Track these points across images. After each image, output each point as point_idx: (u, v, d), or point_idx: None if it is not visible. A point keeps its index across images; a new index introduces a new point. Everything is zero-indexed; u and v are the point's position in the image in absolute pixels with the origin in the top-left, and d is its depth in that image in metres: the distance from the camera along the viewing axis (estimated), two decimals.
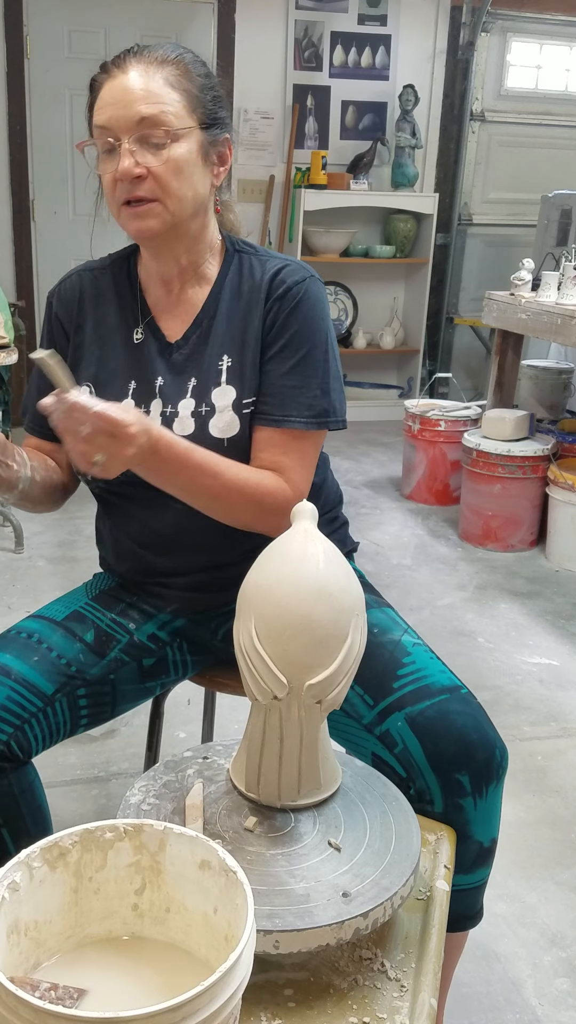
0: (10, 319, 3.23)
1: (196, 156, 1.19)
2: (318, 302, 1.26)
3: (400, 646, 1.23)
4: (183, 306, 1.30)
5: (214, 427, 1.24)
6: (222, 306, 1.28)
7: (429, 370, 5.49)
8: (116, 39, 4.81)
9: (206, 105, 1.20)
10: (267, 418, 1.24)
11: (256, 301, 1.26)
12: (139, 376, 1.28)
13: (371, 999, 0.86)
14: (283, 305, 1.24)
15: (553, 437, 3.52)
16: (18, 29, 4.69)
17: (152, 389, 1.28)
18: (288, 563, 0.93)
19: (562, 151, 5.51)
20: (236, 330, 1.26)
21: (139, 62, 1.16)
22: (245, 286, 1.27)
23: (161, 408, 1.27)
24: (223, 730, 2.02)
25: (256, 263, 1.29)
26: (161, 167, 1.15)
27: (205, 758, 1.08)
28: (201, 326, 1.28)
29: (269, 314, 1.25)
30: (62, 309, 1.34)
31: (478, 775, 1.11)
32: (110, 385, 1.29)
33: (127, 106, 1.14)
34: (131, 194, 1.17)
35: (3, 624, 1.40)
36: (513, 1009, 1.50)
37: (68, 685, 1.24)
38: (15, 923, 0.73)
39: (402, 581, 3.20)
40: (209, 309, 1.28)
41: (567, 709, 2.42)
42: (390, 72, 5.19)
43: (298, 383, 1.24)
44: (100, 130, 1.17)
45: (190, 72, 1.19)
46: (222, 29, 4.90)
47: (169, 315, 1.30)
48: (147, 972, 0.78)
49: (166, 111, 1.15)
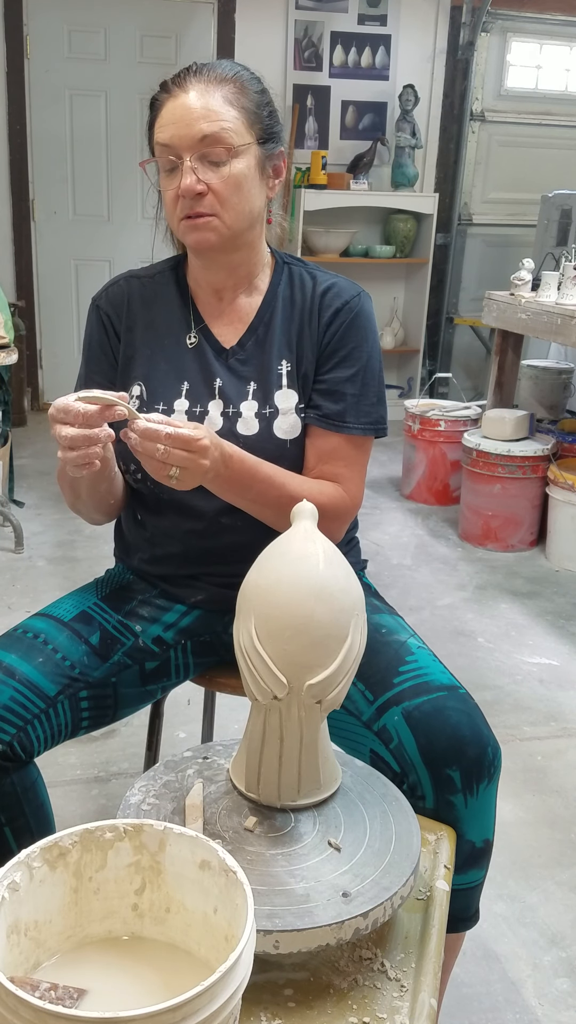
0: (10, 319, 3.23)
1: (254, 171, 1.22)
2: (371, 318, 1.33)
3: (405, 646, 1.25)
4: (236, 314, 1.33)
5: (279, 428, 1.29)
6: (277, 315, 1.32)
7: (429, 370, 5.49)
8: (116, 39, 4.81)
9: (263, 121, 1.24)
10: (328, 422, 1.29)
11: (311, 312, 1.31)
12: (194, 377, 1.31)
13: (371, 999, 0.86)
14: (339, 319, 1.30)
15: (553, 437, 3.52)
16: (18, 29, 4.69)
17: (211, 390, 1.31)
18: (288, 563, 0.93)
19: (562, 151, 5.50)
20: (292, 338, 1.31)
21: (199, 81, 1.19)
22: (297, 296, 1.32)
23: (222, 409, 1.30)
24: (223, 730, 2.03)
25: (307, 275, 1.34)
26: (221, 184, 1.19)
27: (205, 758, 1.08)
28: (256, 332, 1.32)
29: (328, 328, 1.30)
30: (112, 310, 1.36)
31: (468, 772, 1.12)
32: (163, 385, 1.31)
33: (189, 125, 1.17)
34: (192, 210, 1.20)
35: (3, 624, 1.40)
36: (513, 1009, 1.50)
37: (71, 687, 1.25)
38: (15, 923, 0.73)
39: (402, 581, 3.20)
40: (264, 316, 1.32)
41: (567, 709, 2.42)
42: (390, 72, 5.19)
43: (358, 391, 1.30)
44: (162, 148, 1.20)
45: (247, 89, 1.22)
46: (222, 29, 4.90)
47: (221, 322, 1.33)
48: (147, 972, 0.78)
49: (226, 128, 1.18)
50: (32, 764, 1.22)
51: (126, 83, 4.86)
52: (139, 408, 1.31)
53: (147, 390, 1.31)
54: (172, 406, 1.30)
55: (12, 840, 1.19)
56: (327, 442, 1.30)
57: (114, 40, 4.81)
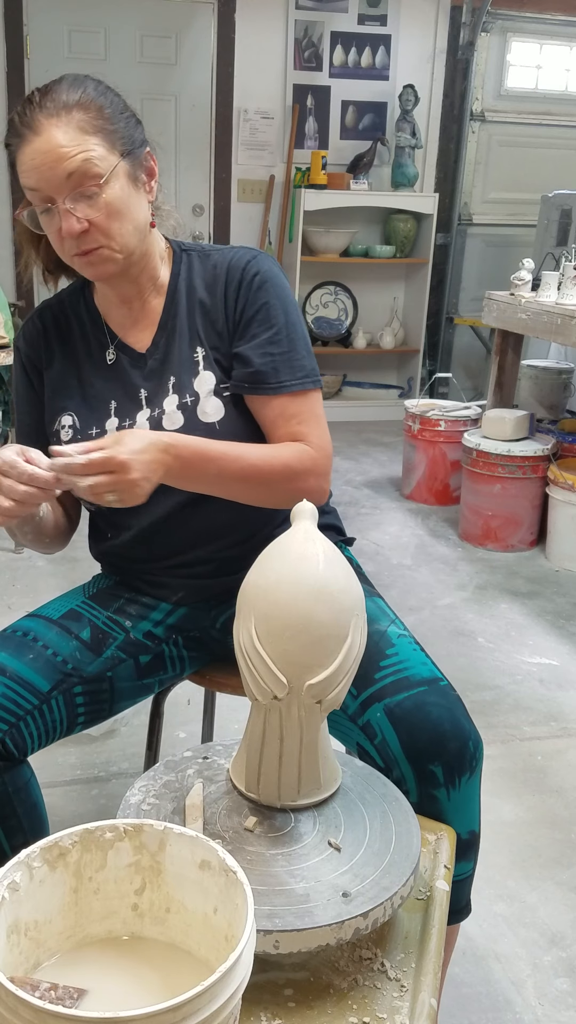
0: (10, 319, 3.23)
1: (128, 187, 1.20)
2: (275, 274, 1.30)
3: (385, 637, 1.25)
4: (147, 317, 1.33)
5: (202, 413, 1.27)
6: (181, 305, 1.31)
7: (429, 370, 5.49)
8: (116, 39, 4.81)
9: (121, 133, 1.20)
10: (266, 387, 1.27)
11: (212, 292, 1.30)
12: (119, 393, 1.32)
13: (371, 999, 0.86)
14: (245, 287, 1.28)
15: (553, 437, 3.52)
16: (18, 29, 4.68)
17: (137, 400, 1.31)
18: (288, 563, 0.93)
19: (562, 151, 5.51)
20: (202, 323, 1.30)
21: (47, 116, 1.14)
22: (197, 282, 1.31)
23: (149, 414, 1.29)
24: (223, 730, 2.02)
25: (203, 257, 1.33)
26: (102, 216, 1.17)
27: (205, 758, 1.08)
28: (166, 328, 1.32)
29: (236, 301, 1.28)
30: (31, 351, 1.38)
31: (450, 766, 1.12)
32: (91, 409, 1.32)
33: (51, 167, 1.14)
34: (79, 248, 1.19)
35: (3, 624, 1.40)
36: (513, 1009, 1.50)
37: (64, 683, 1.25)
38: (15, 923, 0.73)
39: (402, 581, 3.20)
40: (170, 311, 1.32)
41: (567, 709, 2.42)
42: (390, 72, 5.19)
43: (286, 348, 1.28)
44: (32, 192, 1.17)
45: (99, 108, 1.18)
46: (222, 29, 4.90)
47: (135, 329, 1.33)
48: (147, 972, 0.78)
49: (89, 159, 1.15)
50: (25, 763, 1.22)
51: (126, 83, 4.78)
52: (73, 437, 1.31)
53: (78, 418, 1.32)
54: (104, 427, 1.31)
55: (4, 840, 1.19)
56: (272, 408, 1.28)
57: (114, 40, 4.81)
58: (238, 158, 5.11)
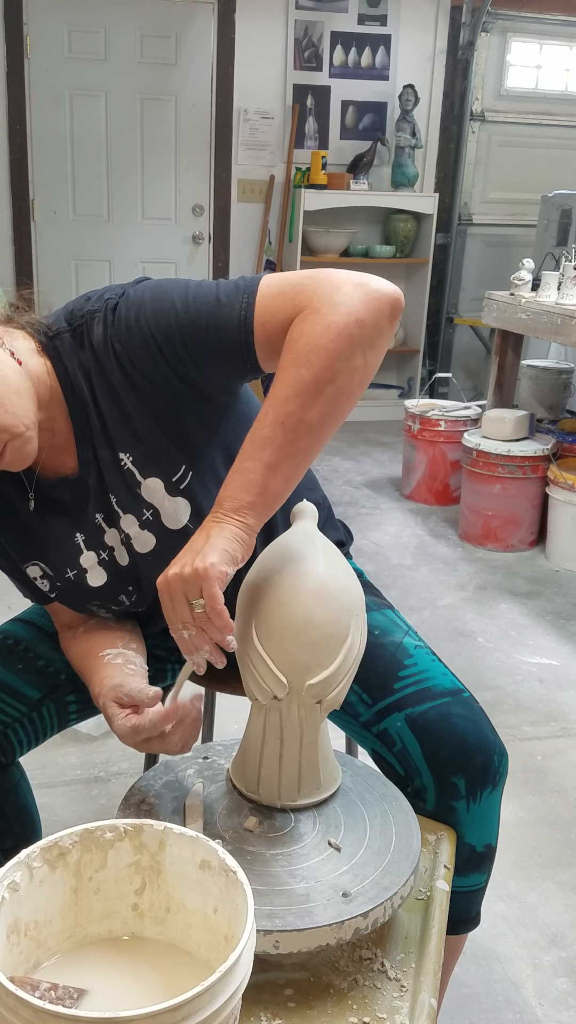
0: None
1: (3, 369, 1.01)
2: (136, 293, 1.06)
3: (402, 648, 1.22)
4: (58, 435, 1.12)
5: (168, 521, 1.10)
6: (81, 410, 1.09)
7: (429, 370, 5.49)
8: (116, 39, 4.81)
9: None
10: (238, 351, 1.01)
11: (100, 372, 1.07)
12: (70, 524, 1.16)
13: (371, 999, 0.86)
14: (118, 337, 1.05)
15: (553, 437, 3.52)
16: (18, 29, 4.68)
17: (95, 528, 1.15)
18: (288, 563, 0.93)
19: (562, 151, 5.50)
20: (110, 418, 1.08)
21: None
22: (80, 372, 1.08)
23: (119, 537, 1.14)
24: (223, 730, 2.02)
25: (67, 342, 1.09)
26: None
27: (205, 758, 1.08)
28: (83, 440, 1.11)
29: (127, 358, 1.05)
30: None
31: (474, 779, 1.11)
32: (57, 552, 1.17)
33: None
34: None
35: None
36: (513, 1009, 1.50)
37: (57, 692, 1.24)
38: (15, 923, 0.73)
39: (402, 581, 3.20)
40: (79, 419, 1.10)
41: (567, 709, 2.42)
42: (390, 72, 5.19)
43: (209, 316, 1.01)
44: None
45: None
46: (222, 29, 4.90)
47: (61, 456, 1.13)
48: (147, 972, 0.78)
49: None
50: (15, 766, 1.22)
51: (126, 83, 4.86)
52: (56, 583, 1.18)
53: (47, 564, 1.18)
54: (79, 564, 1.16)
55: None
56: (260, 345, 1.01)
57: (114, 40, 4.81)
58: (238, 158, 5.11)
